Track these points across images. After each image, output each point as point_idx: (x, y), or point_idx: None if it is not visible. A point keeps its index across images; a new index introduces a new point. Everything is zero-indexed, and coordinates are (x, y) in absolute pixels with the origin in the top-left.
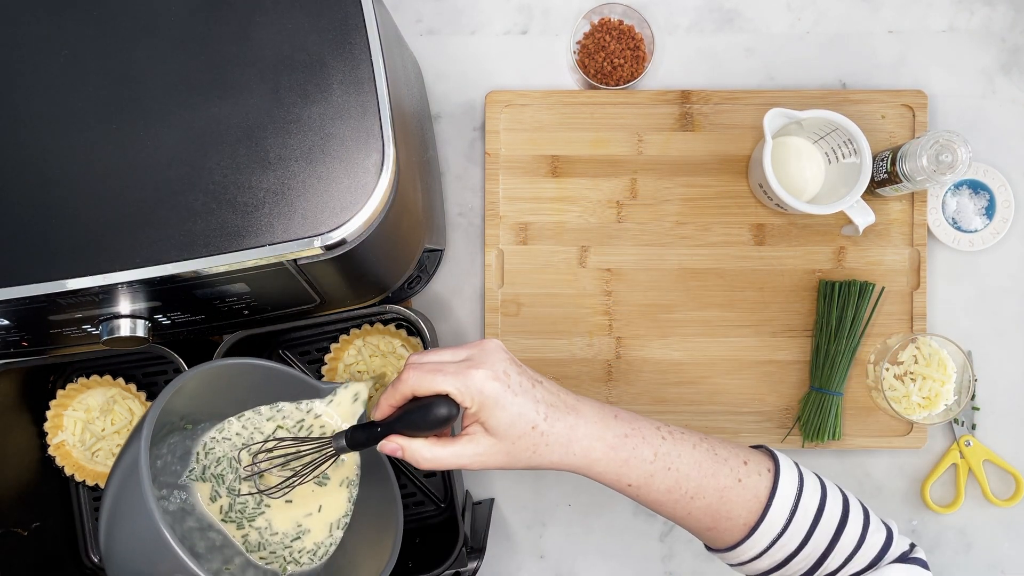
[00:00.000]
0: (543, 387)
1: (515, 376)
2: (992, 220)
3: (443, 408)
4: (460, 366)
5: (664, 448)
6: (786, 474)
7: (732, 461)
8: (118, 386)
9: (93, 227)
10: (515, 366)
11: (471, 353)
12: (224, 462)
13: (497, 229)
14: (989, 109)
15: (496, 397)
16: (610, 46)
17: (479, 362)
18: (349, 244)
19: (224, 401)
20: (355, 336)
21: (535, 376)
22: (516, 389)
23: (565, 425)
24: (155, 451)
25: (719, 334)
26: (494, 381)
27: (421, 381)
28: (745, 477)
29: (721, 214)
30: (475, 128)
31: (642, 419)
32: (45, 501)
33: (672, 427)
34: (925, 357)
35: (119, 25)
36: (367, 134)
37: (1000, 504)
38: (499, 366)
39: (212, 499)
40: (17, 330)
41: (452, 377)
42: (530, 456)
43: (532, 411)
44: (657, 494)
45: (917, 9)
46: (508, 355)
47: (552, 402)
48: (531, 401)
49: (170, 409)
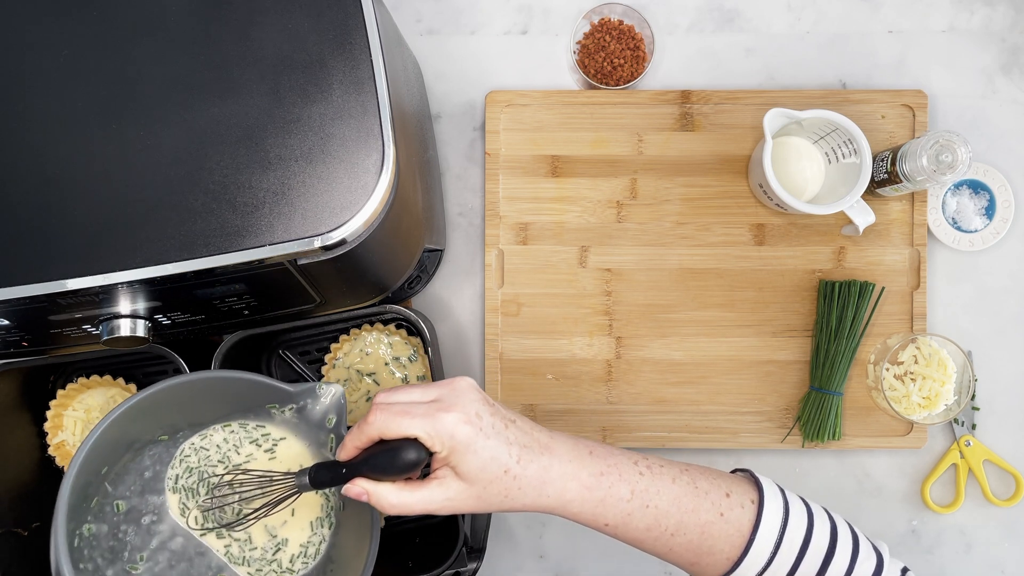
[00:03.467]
0: (516, 427)
1: (487, 418)
2: (992, 220)
3: (411, 453)
4: (430, 408)
5: (642, 485)
6: (770, 505)
7: (714, 494)
8: (118, 386)
9: (93, 227)
10: (487, 406)
11: (441, 393)
12: (195, 474)
13: (497, 229)
14: (989, 109)
15: (467, 441)
16: (610, 46)
17: (450, 404)
18: (349, 244)
19: (205, 410)
20: (355, 336)
21: (508, 415)
22: (488, 432)
23: (538, 467)
24: (136, 464)
25: (719, 334)
26: (465, 425)
27: (388, 424)
28: (727, 511)
29: (721, 214)
30: (475, 128)
31: (619, 454)
32: (45, 501)
33: (651, 460)
34: (925, 357)
35: (119, 25)
36: (367, 134)
37: (1000, 504)
38: (471, 408)
39: (182, 512)
40: (17, 330)
41: (421, 420)
42: (502, 500)
43: (504, 454)
44: (636, 532)
45: (917, 9)
46: (480, 394)
47: (525, 443)
48: (503, 443)
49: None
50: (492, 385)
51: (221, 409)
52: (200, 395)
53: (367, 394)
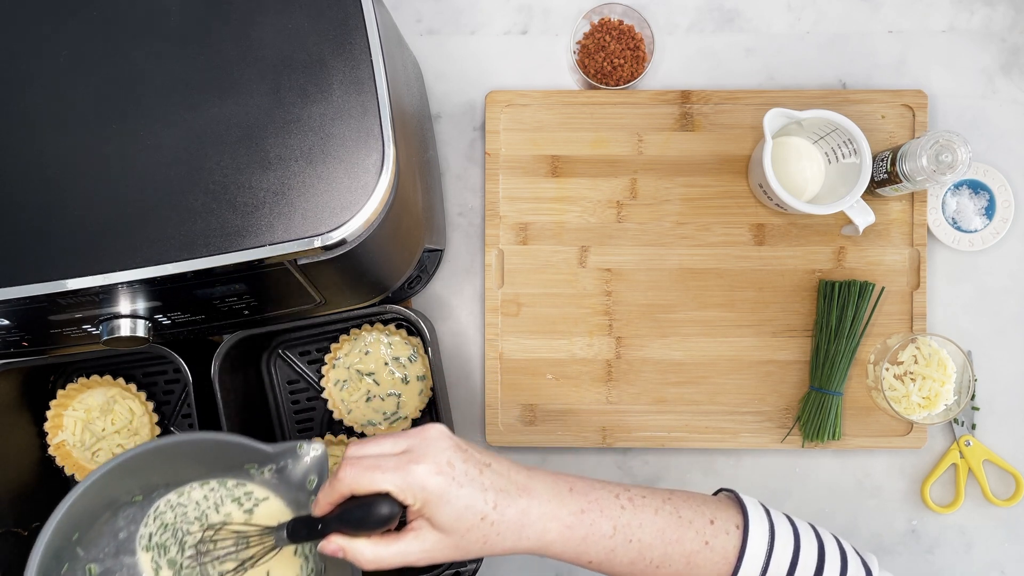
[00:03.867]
0: (492, 470)
1: (460, 465)
2: (992, 220)
3: (384, 508)
4: (400, 460)
5: (624, 519)
6: (756, 529)
7: (698, 522)
8: (118, 386)
9: (93, 227)
10: (460, 453)
11: (411, 443)
12: (169, 531)
13: (497, 229)
14: (989, 109)
15: (440, 492)
16: (610, 46)
17: (420, 455)
18: (349, 244)
19: (183, 471)
20: (355, 336)
21: (483, 459)
22: (462, 480)
23: (516, 510)
24: (110, 526)
25: (719, 334)
26: (436, 475)
27: (359, 479)
28: (712, 538)
29: (721, 214)
30: (475, 128)
31: (599, 488)
32: (45, 501)
33: (633, 491)
34: (925, 357)
35: (119, 25)
36: (367, 134)
37: (1000, 504)
38: (442, 457)
39: (155, 571)
40: (17, 330)
41: (391, 474)
42: (481, 547)
43: (480, 501)
44: (620, 568)
45: (917, 9)
46: (452, 441)
47: (502, 486)
48: (478, 490)
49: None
50: (492, 385)
51: (198, 470)
52: (178, 457)
53: (367, 394)
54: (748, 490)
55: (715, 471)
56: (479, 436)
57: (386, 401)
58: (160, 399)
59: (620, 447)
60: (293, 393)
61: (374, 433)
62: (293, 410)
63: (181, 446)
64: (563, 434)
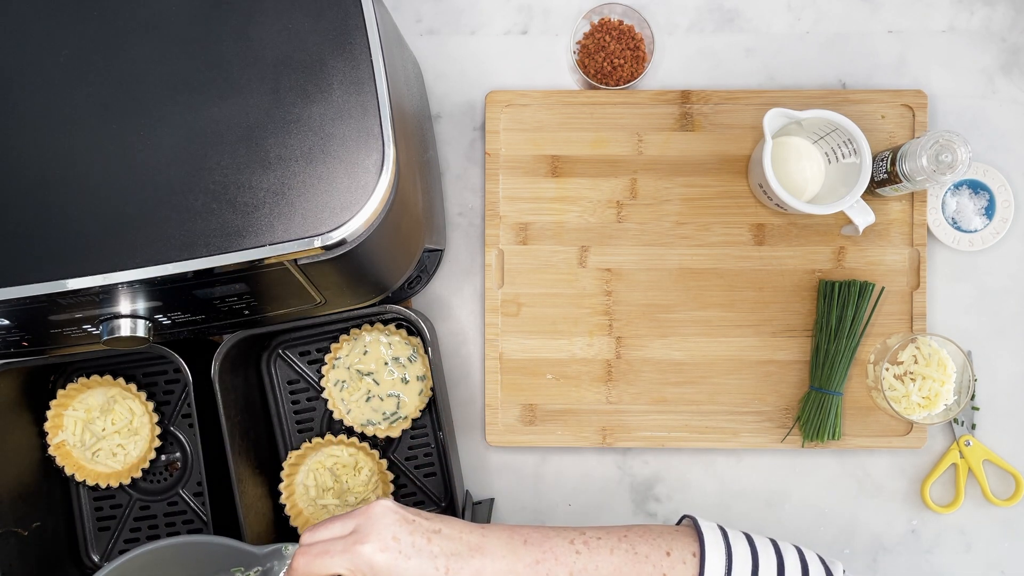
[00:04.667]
0: (441, 536)
1: (406, 538)
2: (992, 220)
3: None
4: (347, 542)
5: (579, 564)
6: (712, 555)
7: (654, 556)
8: (118, 386)
9: (93, 227)
10: (406, 525)
11: (358, 523)
12: None
13: (497, 229)
14: (989, 109)
15: (388, 568)
16: (610, 46)
17: (365, 534)
18: (349, 244)
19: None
20: (355, 336)
21: (431, 527)
22: (409, 552)
23: (471, 571)
24: None
25: (719, 334)
26: (382, 553)
27: (311, 566)
28: (669, 570)
29: (721, 214)
30: (475, 128)
31: (554, 536)
32: (45, 501)
33: (589, 534)
34: (925, 357)
35: (119, 25)
36: (367, 134)
37: (1000, 504)
38: (387, 532)
39: None
40: (17, 330)
41: (339, 557)
42: None
43: (431, 569)
44: None
45: (917, 9)
46: (398, 515)
47: (453, 550)
48: (428, 559)
49: None
50: (492, 385)
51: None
52: (163, 563)
53: (367, 394)
54: (748, 490)
55: (715, 471)
56: (479, 436)
57: (386, 401)
58: (160, 399)
59: (620, 447)
60: (293, 393)
61: (373, 433)
62: (293, 410)
63: (171, 550)
64: (563, 434)
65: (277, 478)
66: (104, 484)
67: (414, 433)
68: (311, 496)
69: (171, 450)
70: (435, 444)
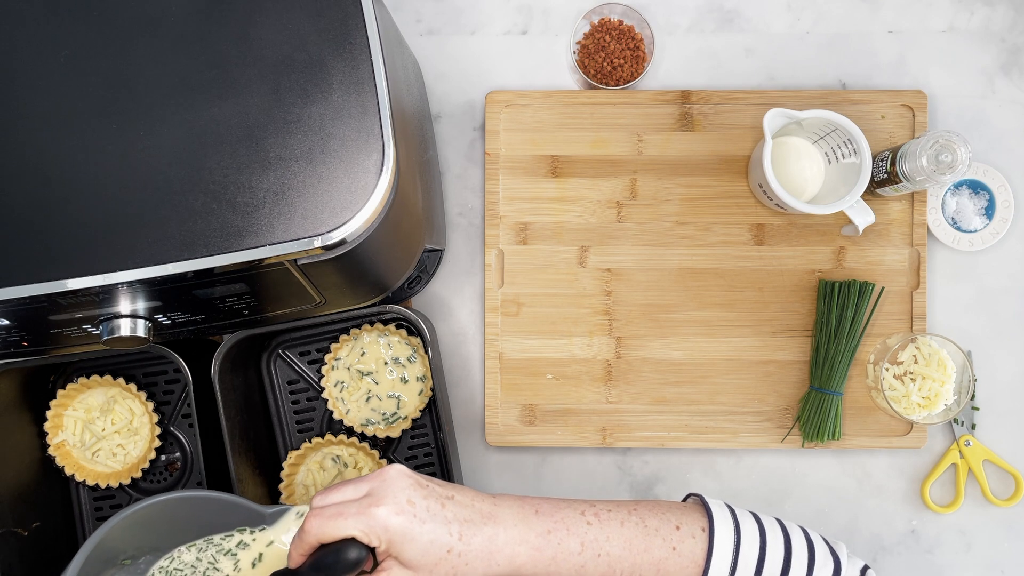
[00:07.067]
0: (454, 503)
1: (421, 502)
2: (992, 220)
3: (352, 552)
4: (361, 504)
5: (591, 535)
6: (721, 530)
7: (664, 530)
8: (118, 386)
9: (93, 227)
10: (420, 490)
11: (372, 487)
12: None
13: (497, 229)
14: (989, 109)
15: (402, 531)
16: (610, 46)
17: (380, 497)
18: (349, 244)
19: (172, 533)
20: (355, 336)
21: (444, 493)
22: (423, 516)
23: (483, 538)
24: None
25: (719, 334)
26: (397, 515)
27: (324, 528)
28: (679, 544)
29: (721, 214)
30: (475, 128)
31: (565, 507)
32: (45, 501)
33: (599, 506)
34: (925, 357)
35: (119, 25)
36: (367, 134)
37: (1000, 504)
38: (402, 496)
39: None
40: (17, 330)
41: (354, 519)
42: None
43: (445, 535)
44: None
45: (917, 9)
46: (412, 479)
47: (466, 517)
48: (442, 524)
49: (107, 548)
50: (492, 385)
51: (187, 534)
52: (171, 516)
53: (367, 394)
54: (748, 490)
55: (715, 471)
56: (479, 436)
57: (386, 401)
58: (160, 399)
59: (620, 447)
60: (293, 393)
61: (373, 433)
62: (293, 410)
63: (183, 502)
64: (563, 434)
65: (277, 478)
66: (104, 484)
67: (414, 433)
68: (311, 496)
69: (171, 450)
70: (435, 444)
